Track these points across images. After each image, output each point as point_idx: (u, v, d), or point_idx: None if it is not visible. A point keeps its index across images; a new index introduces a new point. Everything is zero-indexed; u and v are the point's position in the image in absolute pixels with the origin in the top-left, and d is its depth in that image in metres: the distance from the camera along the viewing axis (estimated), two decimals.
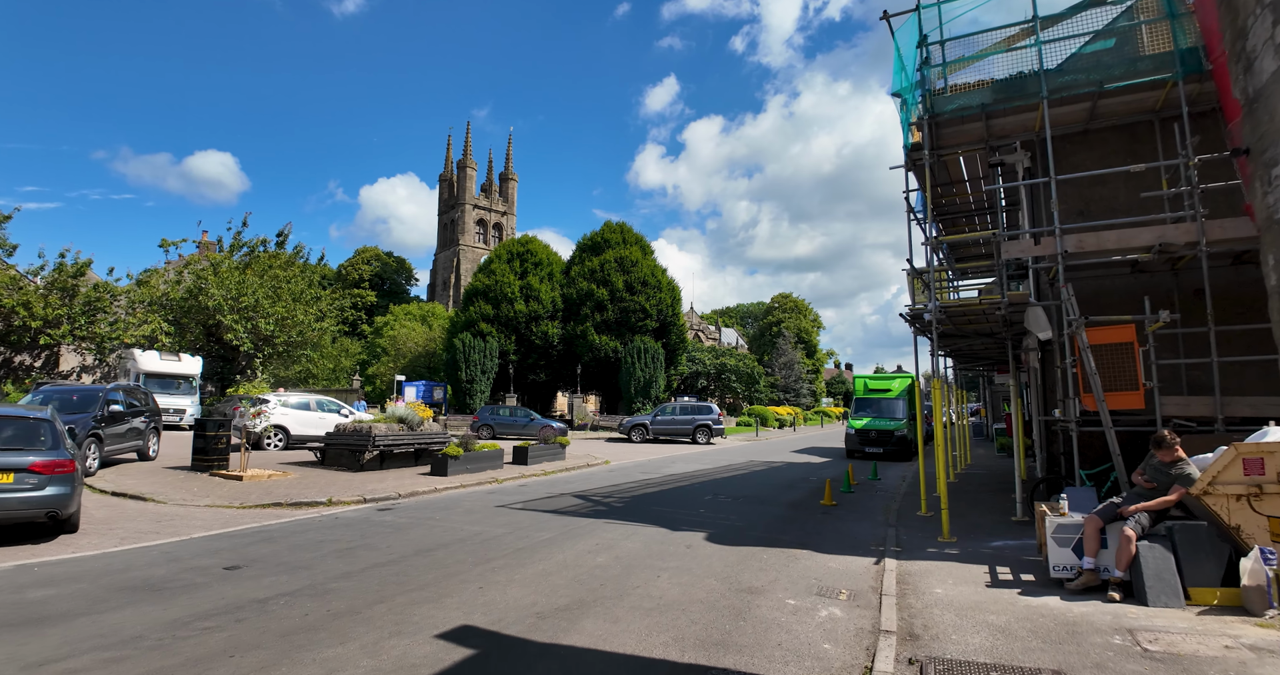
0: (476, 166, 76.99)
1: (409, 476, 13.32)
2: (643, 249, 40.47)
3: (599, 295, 37.56)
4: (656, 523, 9.17)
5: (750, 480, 14.90)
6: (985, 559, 7.25)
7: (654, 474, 15.76)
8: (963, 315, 9.21)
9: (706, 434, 27.87)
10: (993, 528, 9.17)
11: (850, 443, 21.46)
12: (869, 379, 23.47)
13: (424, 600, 5.46)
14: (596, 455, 19.80)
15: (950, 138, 9.93)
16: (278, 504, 10.28)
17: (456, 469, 13.64)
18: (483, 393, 35.89)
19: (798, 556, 7.34)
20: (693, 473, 16.23)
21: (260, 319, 29.55)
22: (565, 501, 11.08)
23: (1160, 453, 6.05)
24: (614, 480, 14.32)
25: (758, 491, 12.89)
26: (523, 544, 7.62)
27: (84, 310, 28.41)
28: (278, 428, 18.75)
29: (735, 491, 12.79)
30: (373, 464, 14.37)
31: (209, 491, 11.16)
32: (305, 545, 7.53)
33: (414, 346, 45.50)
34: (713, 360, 53.01)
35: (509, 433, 28.70)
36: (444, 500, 11.04)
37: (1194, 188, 7.98)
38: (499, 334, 37.45)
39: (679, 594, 5.73)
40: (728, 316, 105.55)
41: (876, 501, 11.93)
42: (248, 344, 29.27)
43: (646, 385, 36.17)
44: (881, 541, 8.33)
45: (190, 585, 5.87)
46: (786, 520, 9.71)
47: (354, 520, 9.14)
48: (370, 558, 6.93)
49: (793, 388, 67.90)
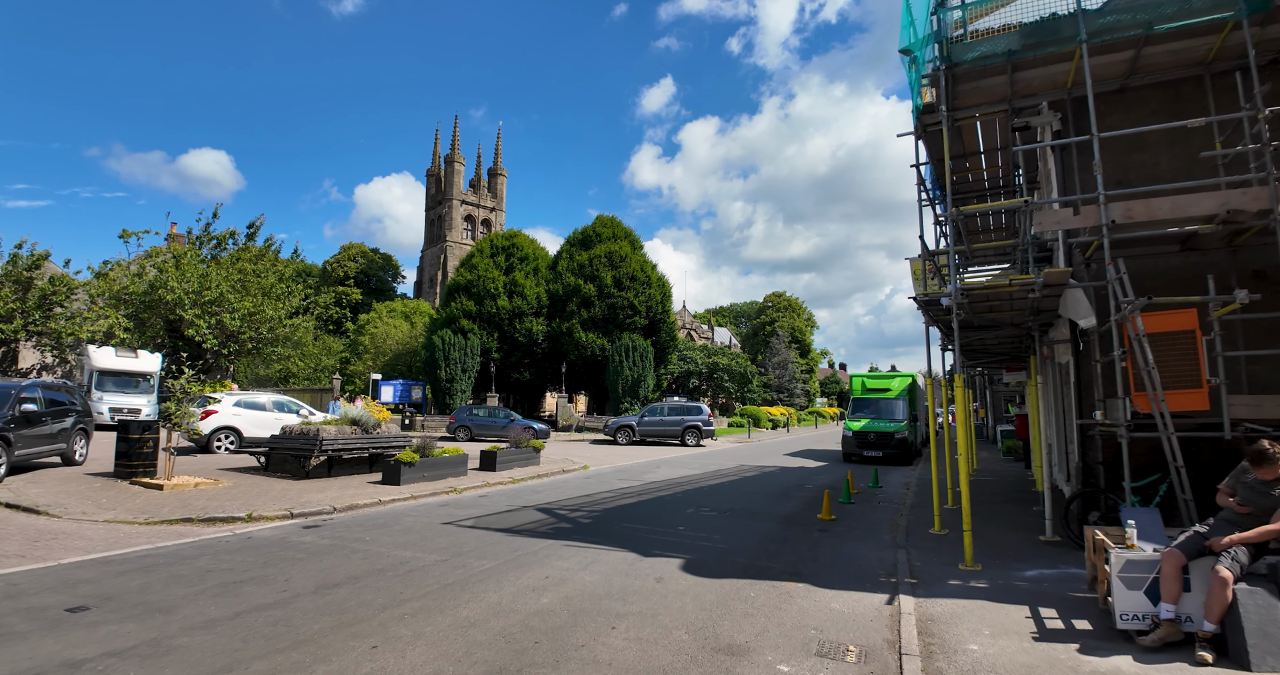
0: (465, 161, 75.40)
1: (355, 485, 11.87)
2: (632, 244, 39.04)
3: (586, 291, 36.08)
4: (625, 544, 7.77)
5: (739, 488, 13.52)
6: (1022, 595, 5.89)
7: (634, 481, 14.36)
8: (985, 300, 7.87)
9: (696, 436, 26.51)
10: (1019, 549, 7.82)
11: (847, 445, 20.12)
12: (867, 378, 22.14)
13: (287, 669, 4.05)
14: (575, 459, 18.39)
15: (968, 96, 8.57)
16: (188, 520, 8.84)
17: (411, 477, 12.20)
18: (464, 392, 34.38)
19: (792, 593, 5.96)
20: (677, 479, 14.84)
21: (225, 314, 28.02)
22: (524, 517, 9.67)
23: (1260, 469, 4.70)
24: (588, 489, 12.91)
25: (747, 502, 11.51)
26: (453, 577, 6.20)
27: (39, 304, 26.85)
28: (228, 430, 17.29)
29: (722, 502, 11.40)
30: (319, 471, 12.92)
31: (118, 503, 9.70)
32: (187, 577, 6.10)
33: (395, 344, 43.92)
34: (705, 359, 51.68)
35: (488, 434, 27.24)
36: (384, 515, 9.61)
37: (1265, 145, 6.65)
38: (481, 331, 35.91)
39: (635, 658, 4.33)
40: (721, 315, 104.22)
41: (881, 515, 10.57)
42: (211, 340, 27.70)
43: (635, 384, 34.75)
44: (892, 570, 6.96)
45: (2, 635, 4.46)
46: (778, 540, 8.33)
47: (267, 542, 7.71)
48: (256, 597, 5.51)
49: (786, 387, 66.66)
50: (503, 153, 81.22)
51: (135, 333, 27.54)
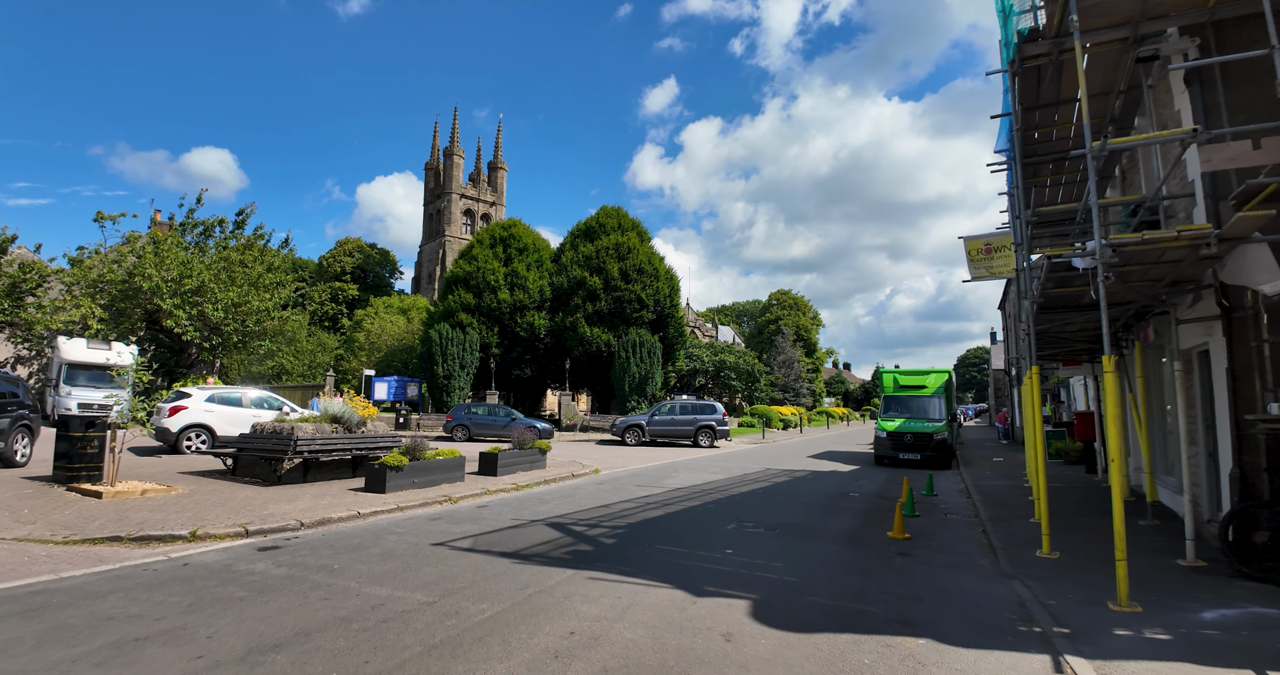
0: (464, 154, 73.58)
1: (333, 493, 10.15)
2: (640, 235, 37.21)
3: (591, 284, 34.25)
4: (665, 576, 6.06)
5: (776, 498, 11.82)
6: (1227, 653, 4.21)
7: (653, 488, 12.64)
8: (1121, 265, 6.17)
9: (710, 436, 24.78)
10: (1163, 580, 6.14)
11: (881, 447, 18.39)
12: (899, 374, 20.39)
13: None
14: (584, 462, 16.69)
15: (1087, 16, 6.86)
16: (117, 538, 7.11)
17: (399, 483, 10.48)
18: (462, 389, 32.59)
19: (918, 657, 4.25)
20: (702, 486, 13.13)
21: (208, 304, 26.25)
22: (534, 535, 7.95)
23: None
24: (604, 497, 11.20)
25: (793, 516, 9.80)
26: (442, 632, 4.49)
27: (8, 292, 25.15)
28: (200, 427, 15.55)
29: (763, 516, 9.69)
30: (294, 476, 11.21)
31: (41, 515, 7.98)
32: (74, 629, 4.39)
33: (391, 340, 42.12)
34: (711, 357, 49.92)
35: (487, 434, 25.52)
36: (362, 532, 7.89)
37: None
38: (480, 325, 34.10)
39: None
40: (723, 314, 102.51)
41: (959, 532, 8.87)
42: (192, 332, 25.95)
43: (642, 382, 33.00)
44: (1023, 611, 5.26)
45: None
46: (856, 570, 6.62)
47: (205, 571, 6.00)
48: (154, 668, 3.80)
49: (792, 387, 64.89)
50: (504, 149, 79.55)
51: (111, 323, 25.86)
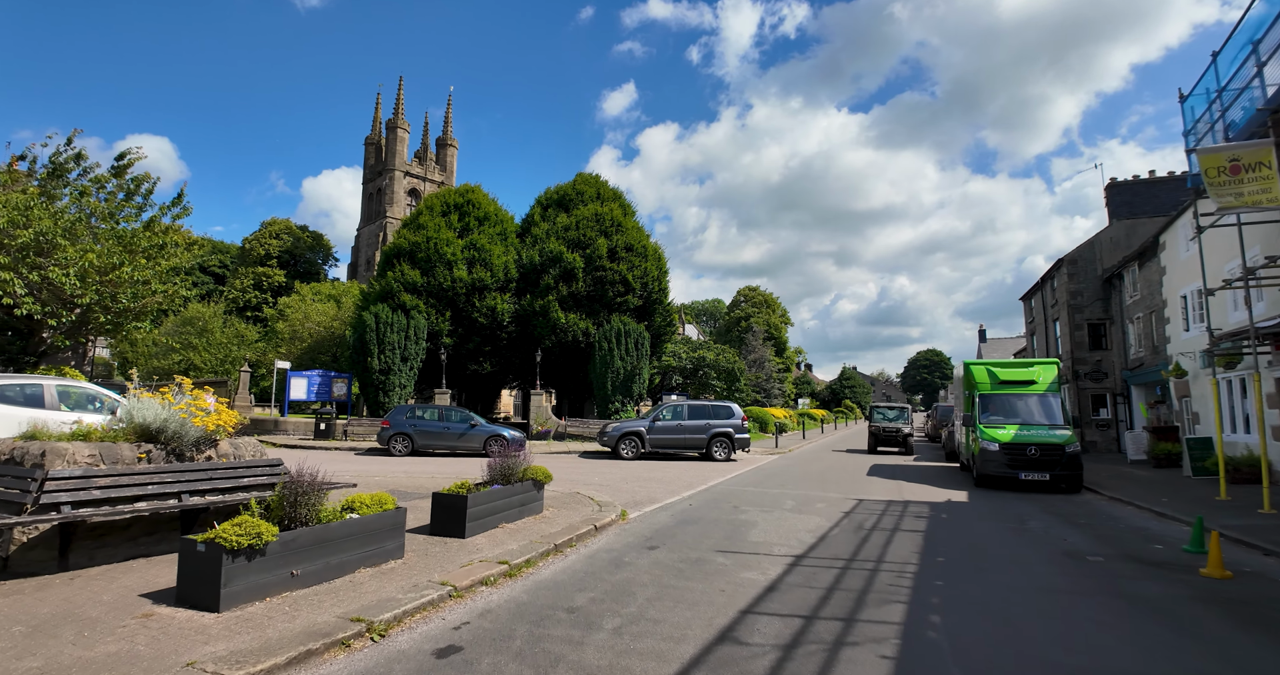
0: (409, 127, 66.27)
1: (95, 615, 4.29)
2: (624, 208, 31.55)
3: (570, 261, 28.28)
4: None
5: (990, 575, 6.55)
6: None
7: (748, 551, 7.20)
8: None
9: (727, 447, 19.46)
10: None
11: (990, 465, 13.43)
12: (995, 366, 15.52)
13: None
14: (589, 495, 11.11)
15: None
16: None
17: (258, 584, 4.70)
18: (403, 387, 26.27)
19: None
20: (821, 548, 7.75)
21: (54, 268, 19.22)
22: None
23: None
24: (691, 591, 5.67)
25: (1093, 636, 4.52)
26: None
27: None
28: None
29: (1041, 641, 4.38)
30: (39, 558, 5.27)
31: None
32: None
33: (317, 328, 35.17)
34: (690, 353, 44.81)
35: (438, 445, 19.51)
36: None
37: None
38: (429, 308, 27.74)
39: None
40: (685, 313, 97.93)
41: None
42: (29, 304, 18.88)
43: (628, 379, 27.41)
44: None
45: None
46: None
47: None
48: None
49: (763, 387, 60.67)
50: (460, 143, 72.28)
51: None
